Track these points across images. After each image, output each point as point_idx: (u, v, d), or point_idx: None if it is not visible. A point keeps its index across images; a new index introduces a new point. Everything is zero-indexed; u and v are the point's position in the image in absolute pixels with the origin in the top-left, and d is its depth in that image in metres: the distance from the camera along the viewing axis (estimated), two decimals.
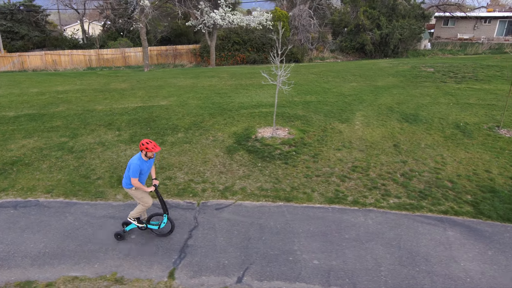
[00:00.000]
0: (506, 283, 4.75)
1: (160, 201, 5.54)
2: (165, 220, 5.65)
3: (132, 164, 5.22)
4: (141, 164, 5.27)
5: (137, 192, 5.47)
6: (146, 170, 5.41)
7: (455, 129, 9.70)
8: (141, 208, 5.60)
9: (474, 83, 14.43)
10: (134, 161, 5.24)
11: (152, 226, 5.71)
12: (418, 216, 6.27)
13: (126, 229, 5.70)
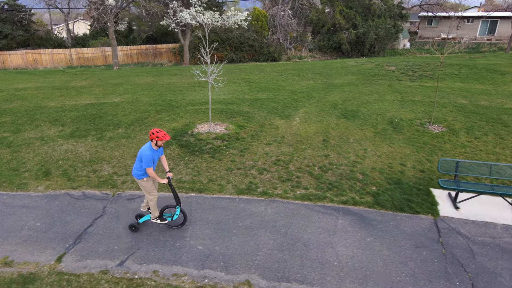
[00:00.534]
0: (371, 266, 5.03)
1: (173, 194, 5.62)
2: (178, 212, 5.74)
3: (144, 155, 5.22)
4: (152, 153, 5.28)
5: (147, 184, 5.51)
6: (156, 159, 5.45)
7: (388, 125, 9.98)
8: (152, 203, 5.67)
9: (428, 81, 14.71)
10: (146, 152, 5.23)
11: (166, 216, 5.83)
12: (318, 206, 6.55)
13: (139, 221, 5.85)
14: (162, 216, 5.83)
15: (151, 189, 5.58)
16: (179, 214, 5.75)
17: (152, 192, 5.61)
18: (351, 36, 26.62)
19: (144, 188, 5.57)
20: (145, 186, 5.53)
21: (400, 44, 31.17)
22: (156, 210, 5.75)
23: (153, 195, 5.62)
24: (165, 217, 5.83)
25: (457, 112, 10.82)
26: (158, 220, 5.79)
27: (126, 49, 29.80)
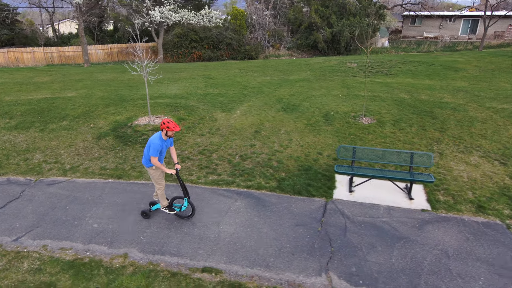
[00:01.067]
0: (245, 241, 5.41)
1: (181, 185, 5.68)
2: (186, 203, 5.81)
3: (153, 143, 5.27)
4: (161, 143, 5.36)
5: (155, 172, 5.58)
6: (164, 149, 5.54)
7: (322, 118, 10.36)
8: (160, 192, 5.77)
9: (381, 77, 15.11)
10: (155, 140, 5.29)
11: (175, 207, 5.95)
12: (223, 190, 6.93)
13: (152, 208, 6.00)
14: (172, 206, 5.95)
15: (159, 178, 5.64)
16: (187, 205, 5.83)
17: (160, 182, 5.67)
18: (327, 34, 27.01)
19: (152, 177, 5.64)
20: (153, 174, 5.59)
21: (378, 42, 31.55)
22: (164, 200, 5.86)
23: (160, 184, 5.69)
24: (174, 208, 5.94)
25: (393, 105, 11.20)
26: (166, 209, 5.93)
27: (107, 48, 30.19)
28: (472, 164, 7.63)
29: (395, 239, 5.42)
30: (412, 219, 5.89)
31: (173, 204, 5.96)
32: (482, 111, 10.63)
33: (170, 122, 5.31)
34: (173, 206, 5.94)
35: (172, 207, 5.93)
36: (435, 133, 9.13)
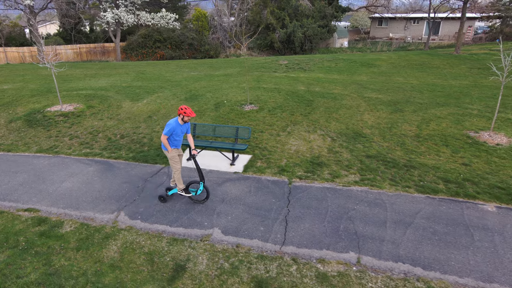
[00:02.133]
0: (74, 193, 6.83)
1: (197, 170, 6.04)
2: (201, 187, 6.17)
3: (167, 125, 5.79)
4: (176, 126, 5.80)
5: (172, 154, 5.99)
6: (179, 133, 5.93)
7: (213, 105, 11.81)
8: (176, 175, 6.16)
9: (297, 72, 16.59)
10: (170, 122, 5.78)
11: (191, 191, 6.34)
12: (85, 159, 8.36)
13: (168, 193, 6.47)
14: (188, 189, 6.33)
15: (176, 160, 6.03)
16: (202, 189, 6.21)
17: (176, 165, 6.07)
18: (281, 35, 28.50)
19: (170, 159, 6.06)
20: (170, 157, 6.02)
21: (336, 43, 33.03)
22: (180, 183, 6.24)
23: (176, 168, 6.09)
24: (190, 191, 6.34)
25: (284, 96, 12.64)
26: (183, 192, 6.31)
27: (76, 48, 31.68)
28: (307, 140, 9.07)
29: None
30: (220, 178, 7.33)
31: (189, 188, 6.35)
32: (356, 100, 12.08)
33: (187, 109, 5.75)
34: (189, 190, 6.34)
35: (189, 190, 6.34)
36: (299, 117, 10.57)
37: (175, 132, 5.83)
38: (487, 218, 5.79)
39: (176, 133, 5.85)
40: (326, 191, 6.76)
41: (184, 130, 6.03)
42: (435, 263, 4.81)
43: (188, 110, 5.74)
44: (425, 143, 8.68)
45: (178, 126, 5.82)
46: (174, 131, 5.80)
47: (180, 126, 5.87)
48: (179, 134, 5.91)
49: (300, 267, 4.81)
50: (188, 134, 6.16)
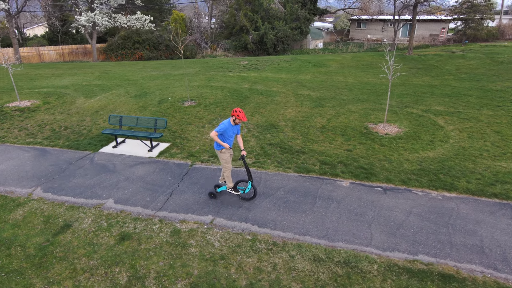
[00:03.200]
0: (5, 173, 8.02)
1: (246, 170, 6.38)
2: (249, 186, 6.50)
3: (220, 124, 6.15)
4: (228, 126, 6.10)
5: (224, 155, 6.31)
6: (231, 133, 6.20)
7: (157, 101, 13.01)
8: (226, 174, 6.46)
9: (249, 72, 17.83)
10: (224, 122, 6.13)
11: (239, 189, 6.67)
12: (26, 146, 9.56)
13: (218, 190, 6.79)
14: (236, 188, 6.66)
15: (227, 160, 6.34)
16: (250, 188, 6.53)
17: (227, 164, 6.36)
18: (254, 36, 29.73)
19: (221, 158, 6.36)
20: (222, 156, 6.31)
21: (309, 44, 34.25)
22: (230, 181, 6.52)
23: (227, 167, 6.38)
24: (238, 189, 6.66)
25: (225, 93, 13.85)
26: (232, 190, 6.63)
27: (58, 49, 32.88)
28: None
29: (108, 172, 8.04)
30: (134, 162, 8.53)
31: (237, 187, 6.69)
32: (288, 96, 13.30)
33: (240, 112, 6.03)
34: (237, 188, 6.67)
35: (237, 188, 6.67)
36: (229, 111, 11.78)
37: (227, 132, 6.11)
38: (336, 191, 7.01)
39: (228, 133, 6.13)
40: (217, 171, 7.97)
41: (235, 131, 6.31)
42: (271, 223, 6.02)
43: (241, 113, 6.02)
44: (326, 133, 9.89)
45: (230, 127, 6.11)
46: (225, 131, 6.09)
47: (232, 127, 6.16)
48: (230, 135, 6.18)
49: (162, 225, 6.02)
50: (238, 135, 6.46)
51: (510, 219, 5.98)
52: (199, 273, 4.92)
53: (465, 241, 5.44)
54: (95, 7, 25.51)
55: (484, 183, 7.12)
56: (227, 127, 6.06)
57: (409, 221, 5.99)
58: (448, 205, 6.43)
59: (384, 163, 8.08)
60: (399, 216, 6.13)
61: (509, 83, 14.52)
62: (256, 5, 30.32)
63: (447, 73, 16.80)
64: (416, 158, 8.28)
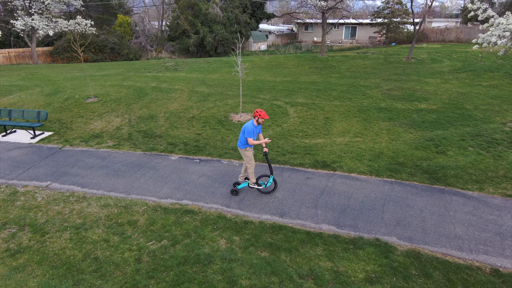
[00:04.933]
0: None
1: (268, 165, 6.79)
2: (271, 180, 6.92)
3: (247, 129, 6.41)
4: (253, 128, 6.44)
5: (248, 153, 6.70)
6: (255, 134, 6.60)
7: (64, 99, 14.64)
8: (250, 170, 6.84)
9: (165, 72, 19.70)
10: (249, 125, 6.41)
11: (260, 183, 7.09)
12: None
13: (238, 187, 7.21)
14: (258, 182, 7.08)
15: (251, 158, 6.73)
16: (271, 182, 6.96)
17: (251, 161, 6.74)
18: (195, 39, 31.59)
19: (246, 156, 6.72)
20: (247, 154, 6.69)
21: (251, 46, 36.43)
22: (253, 177, 6.92)
23: (251, 163, 6.77)
24: (260, 184, 7.10)
25: (129, 91, 15.62)
26: (255, 185, 7.04)
27: (5, 52, 33.59)
28: (109, 122, 12.07)
29: None
30: (13, 147, 10.19)
31: (258, 181, 7.08)
32: (184, 93, 15.22)
33: (262, 112, 6.36)
34: (259, 183, 7.08)
35: (259, 183, 7.08)
36: (123, 106, 13.58)
37: (254, 134, 6.46)
38: (162, 163, 8.94)
39: (254, 133, 6.47)
40: (78, 152, 9.76)
41: (258, 131, 6.63)
42: (93, 185, 7.85)
43: (262, 113, 6.38)
44: (191, 122, 11.86)
45: (255, 128, 6.48)
46: (254, 132, 6.47)
47: (256, 127, 6.53)
48: (255, 134, 6.53)
49: (6, 189, 7.76)
50: (260, 134, 6.79)
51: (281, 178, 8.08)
52: (14, 216, 6.71)
53: (222, 191, 7.47)
54: (33, 12, 26.64)
55: (275, 154, 9.23)
56: (253, 129, 6.44)
57: (198, 180, 7.98)
58: (236, 169, 8.49)
59: (217, 143, 10.11)
60: (193, 177, 8.12)
61: (377, 80, 17.02)
62: (197, 10, 32.20)
63: (336, 72, 19.22)
64: None
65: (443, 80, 16.57)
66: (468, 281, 4.90)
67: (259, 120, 6.43)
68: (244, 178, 7.25)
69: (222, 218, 6.49)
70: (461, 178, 7.75)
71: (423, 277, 4.98)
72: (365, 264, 5.24)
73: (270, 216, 6.54)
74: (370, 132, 10.53)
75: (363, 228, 6.13)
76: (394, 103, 13.24)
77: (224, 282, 4.92)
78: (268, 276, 5.02)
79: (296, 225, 6.26)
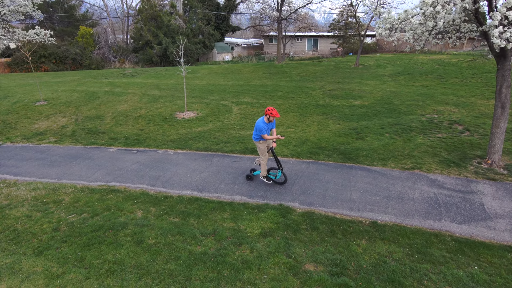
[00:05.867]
0: None
1: (275, 159, 7.04)
2: (280, 174, 7.22)
3: (257, 126, 6.63)
4: (263, 125, 6.63)
5: (262, 146, 6.91)
6: (268, 130, 6.79)
7: (13, 102, 14.71)
8: (263, 163, 7.04)
9: (121, 78, 20.10)
10: (259, 124, 6.63)
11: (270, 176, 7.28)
12: None
13: (254, 173, 7.51)
14: (268, 176, 7.29)
15: (264, 151, 6.95)
16: (280, 175, 7.24)
17: (264, 154, 6.96)
18: (157, 50, 32.14)
19: (259, 149, 6.97)
20: (260, 147, 6.93)
21: (216, 57, 37.43)
22: (264, 170, 7.13)
23: (264, 156, 6.98)
24: (270, 177, 7.30)
25: (82, 95, 15.89)
26: (264, 179, 7.32)
27: None
28: (55, 121, 12.31)
29: None
30: None
31: (270, 173, 7.35)
32: (135, 96, 15.67)
33: (273, 110, 6.54)
34: (269, 176, 7.31)
35: (269, 176, 7.32)
36: (71, 108, 13.84)
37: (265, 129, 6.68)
38: (99, 154, 9.33)
39: (266, 130, 6.73)
40: (18, 147, 9.98)
41: (271, 127, 6.88)
42: (26, 174, 8.14)
43: (274, 111, 6.56)
44: (137, 120, 12.32)
45: (265, 125, 6.68)
46: (266, 127, 6.71)
47: (266, 124, 6.71)
48: (268, 131, 6.81)
49: None
50: (273, 129, 7.00)
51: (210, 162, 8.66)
52: None
53: (151, 174, 7.98)
54: None
55: (210, 144, 9.86)
56: (263, 126, 6.65)
57: (131, 166, 8.45)
58: (169, 157, 9.03)
59: (157, 136, 10.63)
60: (126, 164, 8.58)
61: (322, 82, 18.21)
62: (159, 21, 32.89)
63: (287, 76, 20.34)
64: (184, 132, 10.94)
65: (381, 82, 17.98)
66: (347, 231, 5.65)
67: (270, 118, 6.63)
68: (258, 164, 7.43)
69: (145, 195, 7.00)
70: (370, 157, 8.67)
71: (310, 230, 5.69)
72: (263, 223, 5.90)
73: (190, 192, 7.11)
74: (302, 124, 11.41)
75: (271, 197, 6.81)
76: (331, 101, 14.31)
77: (132, 242, 5.42)
78: (174, 236, 5.56)
79: (212, 197, 6.86)
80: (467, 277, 4.58)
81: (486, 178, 7.40)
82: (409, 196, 6.75)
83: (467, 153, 8.74)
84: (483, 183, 7.19)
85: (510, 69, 7.66)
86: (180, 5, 34.96)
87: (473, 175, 7.56)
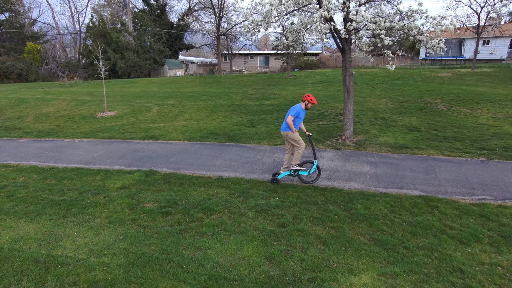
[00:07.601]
0: None
1: (312, 149, 6.78)
2: (315, 165, 6.61)
3: (293, 108, 6.30)
4: (300, 110, 6.31)
5: (295, 135, 6.42)
6: (301, 117, 6.42)
7: None
8: (300, 150, 6.51)
9: (59, 88, 20.82)
10: (297, 106, 6.31)
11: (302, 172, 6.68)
12: None
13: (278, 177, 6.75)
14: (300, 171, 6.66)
15: (299, 138, 6.42)
16: (315, 168, 6.64)
17: (300, 142, 6.45)
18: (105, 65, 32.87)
19: (293, 138, 6.43)
20: (294, 137, 6.39)
21: (167, 73, 38.69)
22: (298, 158, 6.58)
23: (301, 144, 6.46)
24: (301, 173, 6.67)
25: (11, 100, 16.45)
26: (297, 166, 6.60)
27: None
28: None
29: None
30: None
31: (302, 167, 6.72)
32: (65, 101, 16.47)
33: (312, 96, 6.35)
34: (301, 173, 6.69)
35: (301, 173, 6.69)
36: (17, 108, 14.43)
37: (299, 116, 6.36)
38: (10, 144, 10.12)
39: (300, 117, 6.37)
40: None
41: (303, 115, 6.50)
42: None
43: (313, 98, 6.36)
44: (57, 119, 13.16)
45: (301, 111, 6.37)
46: (299, 114, 6.33)
47: (303, 111, 6.40)
48: (301, 118, 6.41)
49: None
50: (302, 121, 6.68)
51: (92, 146, 9.69)
52: None
53: (48, 155, 8.91)
54: None
55: (115, 133, 10.93)
56: (300, 110, 6.32)
57: (33, 151, 9.31)
58: (73, 144, 9.98)
59: (70, 130, 11.55)
60: (29, 149, 9.44)
61: (248, 89, 19.92)
62: (109, 38, 33.85)
63: (219, 85, 21.95)
64: (97, 126, 11.94)
65: (301, 88, 19.93)
66: (194, 183, 6.88)
67: (308, 105, 6.38)
68: (285, 168, 6.81)
69: (34, 168, 7.92)
70: (251, 138, 10.11)
71: (163, 183, 6.87)
72: (126, 180, 7.02)
73: (76, 165, 8.12)
74: (208, 118, 12.78)
75: (146, 166, 7.96)
76: (247, 102, 15.89)
77: (4, 197, 6.34)
78: (43, 191, 6.54)
79: (94, 167, 7.91)
80: (265, 204, 5.92)
81: (333, 148, 9.01)
82: (263, 161, 8.16)
83: (333, 134, 10.42)
84: (328, 151, 8.79)
85: (350, 61, 9.52)
86: (130, 23, 36.19)
87: (326, 147, 9.16)
